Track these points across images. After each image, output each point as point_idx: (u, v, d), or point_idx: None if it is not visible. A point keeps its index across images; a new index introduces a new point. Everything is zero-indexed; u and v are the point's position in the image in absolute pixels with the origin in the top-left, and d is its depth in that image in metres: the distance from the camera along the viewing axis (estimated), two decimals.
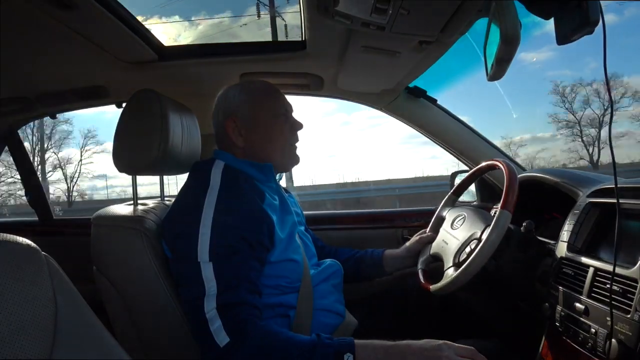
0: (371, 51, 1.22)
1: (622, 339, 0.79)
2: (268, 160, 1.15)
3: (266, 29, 13.99)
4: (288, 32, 12.91)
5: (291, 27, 12.68)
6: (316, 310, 1.11)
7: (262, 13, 14.11)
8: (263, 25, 14.31)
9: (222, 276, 0.91)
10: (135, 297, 1.04)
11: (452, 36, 1.11)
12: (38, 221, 2.10)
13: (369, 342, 0.89)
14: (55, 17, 1.02)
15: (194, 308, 0.90)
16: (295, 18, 9.89)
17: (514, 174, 1.11)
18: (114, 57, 1.31)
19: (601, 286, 0.88)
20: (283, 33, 13.00)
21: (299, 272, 1.10)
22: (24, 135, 11.82)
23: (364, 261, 1.40)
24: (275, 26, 13.48)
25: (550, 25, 0.77)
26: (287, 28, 13.20)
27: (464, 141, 1.82)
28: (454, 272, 1.09)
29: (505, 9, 0.79)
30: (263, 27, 14.33)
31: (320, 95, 1.82)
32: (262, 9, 14.11)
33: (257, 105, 1.17)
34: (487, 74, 0.90)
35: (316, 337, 0.88)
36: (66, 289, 0.61)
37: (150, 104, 1.13)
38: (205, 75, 1.55)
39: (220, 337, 0.86)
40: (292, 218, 1.16)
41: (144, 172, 1.22)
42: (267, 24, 13.98)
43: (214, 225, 0.95)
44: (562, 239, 1.07)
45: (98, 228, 1.10)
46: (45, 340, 0.55)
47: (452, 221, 1.29)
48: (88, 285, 0.95)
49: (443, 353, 0.86)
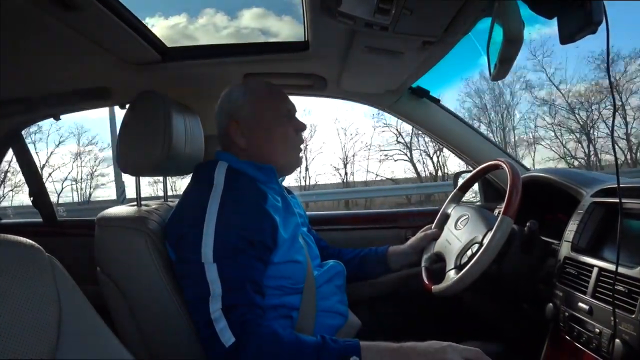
0: (374, 51, 1.22)
1: (626, 339, 0.79)
2: (271, 162, 1.15)
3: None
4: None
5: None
6: (319, 311, 1.11)
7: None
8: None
9: (227, 277, 0.91)
10: (138, 298, 1.04)
11: (455, 36, 1.11)
12: (42, 222, 2.10)
13: (374, 343, 0.89)
14: (58, 18, 1.02)
15: (199, 309, 0.90)
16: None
17: (517, 176, 1.11)
18: (117, 58, 1.31)
19: (605, 286, 0.87)
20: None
21: (302, 273, 1.09)
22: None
23: (368, 259, 1.40)
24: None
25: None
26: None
27: (467, 141, 1.81)
28: (455, 275, 1.09)
29: (508, 8, 0.79)
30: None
31: (324, 96, 1.82)
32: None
33: (261, 107, 1.16)
34: (490, 73, 0.90)
35: (321, 338, 0.88)
36: (70, 290, 0.61)
37: (154, 105, 1.13)
38: (209, 76, 1.55)
39: (226, 337, 0.86)
40: (295, 219, 1.16)
41: (147, 173, 1.22)
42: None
43: (217, 226, 0.95)
44: (566, 239, 1.07)
45: (102, 229, 1.10)
46: (49, 340, 0.55)
47: (456, 221, 1.29)
48: (92, 286, 0.95)
49: (448, 355, 0.86)
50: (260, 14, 17.54)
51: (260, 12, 17.38)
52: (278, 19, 17.91)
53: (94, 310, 0.65)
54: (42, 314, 0.55)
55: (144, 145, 1.12)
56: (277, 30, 16.37)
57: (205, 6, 12.26)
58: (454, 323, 1.33)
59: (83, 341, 0.60)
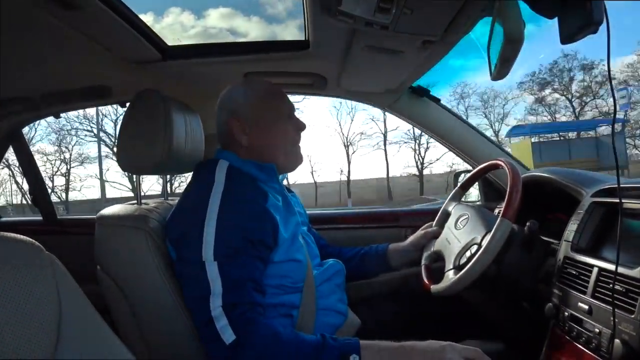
0: (375, 51, 1.22)
1: (626, 339, 0.79)
2: (271, 160, 1.15)
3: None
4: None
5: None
6: (319, 310, 1.11)
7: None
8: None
9: (227, 275, 0.91)
10: (138, 297, 1.04)
11: (455, 35, 1.11)
12: (42, 220, 2.11)
13: (374, 342, 0.89)
14: (58, 17, 1.02)
15: (200, 307, 0.91)
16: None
17: (517, 176, 1.11)
18: (117, 56, 1.31)
19: (605, 286, 0.87)
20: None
21: (302, 272, 1.10)
22: None
23: (368, 257, 1.40)
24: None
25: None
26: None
27: (467, 140, 1.82)
28: (453, 276, 1.09)
29: (508, 8, 0.79)
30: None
31: (324, 95, 1.82)
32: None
33: (262, 105, 1.17)
34: (490, 73, 0.90)
35: (321, 337, 0.89)
36: (70, 289, 0.61)
37: (154, 104, 1.13)
38: (209, 74, 1.55)
39: (227, 336, 0.86)
40: (295, 218, 1.16)
41: (147, 171, 1.22)
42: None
43: (218, 225, 0.95)
44: (566, 238, 1.07)
45: (102, 227, 1.10)
46: (49, 339, 0.55)
47: (456, 220, 1.29)
48: (92, 285, 0.95)
49: (447, 355, 0.86)
50: (228, 14, 17.59)
51: (228, 12, 17.43)
52: (246, 19, 17.97)
53: (94, 309, 0.65)
54: (42, 313, 0.55)
55: (144, 144, 1.12)
56: (245, 30, 16.42)
57: (171, 5, 12.27)
58: (453, 322, 1.33)
59: (83, 340, 0.60)
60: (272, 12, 18.39)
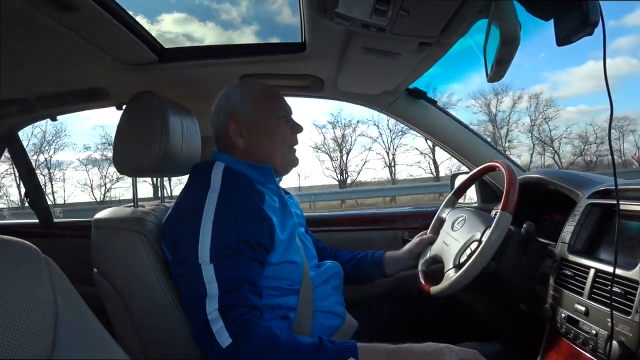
0: (371, 53, 1.22)
1: (622, 340, 0.79)
2: (268, 162, 1.15)
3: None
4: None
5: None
6: (316, 312, 1.11)
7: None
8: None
9: (224, 277, 0.91)
10: (135, 299, 1.04)
11: (452, 37, 1.11)
12: (38, 223, 2.10)
13: (371, 345, 0.89)
14: (55, 19, 1.02)
15: (196, 309, 0.90)
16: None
17: (514, 176, 1.11)
18: (114, 58, 1.31)
19: (602, 287, 0.88)
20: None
21: (299, 273, 1.10)
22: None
23: (364, 263, 1.40)
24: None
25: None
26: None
27: (463, 142, 1.82)
28: (454, 274, 1.09)
29: (504, 10, 0.79)
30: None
31: (320, 97, 1.82)
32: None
33: (258, 107, 1.17)
34: (486, 75, 0.90)
35: (318, 340, 0.88)
36: (66, 291, 0.61)
37: (151, 106, 1.13)
38: (206, 77, 1.55)
39: (223, 338, 0.86)
40: (292, 220, 1.16)
41: (144, 174, 1.22)
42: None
43: (214, 227, 0.95)
44: (563, 240, 1.07)
45: (98, 230, 1.10)
46: (46, 341, 0.55)
47: (452, 223, 1.29)
48: (88, 288, 0.95)
49: (445, 357, 0.86)
50: (182, 19, 17.74)
51: (182, 18, 17.57)
52: (202, 25, 18.08)
53: (91, 311, 0.64)
54: (39, 316, 0.55)
55: (140, 146, 1.12)
56: (201, 36, 16.47)
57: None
58: (451, 324, 1.33)
59: (80, 342, 0.60)
60: (227, 18, 18.46)
